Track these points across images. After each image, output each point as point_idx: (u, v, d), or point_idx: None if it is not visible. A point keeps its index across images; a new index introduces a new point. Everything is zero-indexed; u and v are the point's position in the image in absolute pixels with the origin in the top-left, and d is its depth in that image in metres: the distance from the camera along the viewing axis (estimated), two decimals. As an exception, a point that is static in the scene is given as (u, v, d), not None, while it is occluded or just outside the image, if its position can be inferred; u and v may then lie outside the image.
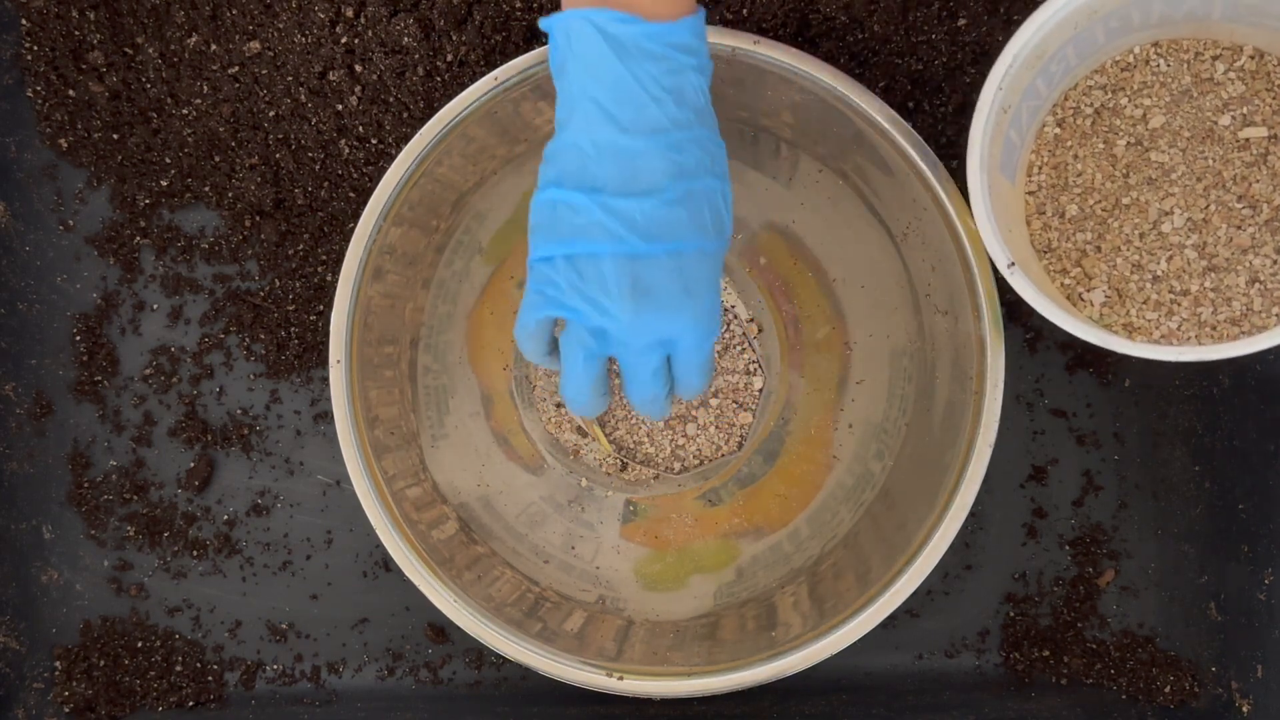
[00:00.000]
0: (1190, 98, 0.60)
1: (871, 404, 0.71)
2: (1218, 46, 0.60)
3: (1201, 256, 0.60)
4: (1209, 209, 0.60)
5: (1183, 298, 0.60)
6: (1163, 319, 0.60)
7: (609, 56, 0.50)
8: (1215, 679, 0.70)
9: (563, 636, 0.66)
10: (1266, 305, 0.59)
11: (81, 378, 0.74)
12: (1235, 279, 0.59)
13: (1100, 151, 0.61)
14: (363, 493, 0.64)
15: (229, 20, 0.71)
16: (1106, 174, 0.61)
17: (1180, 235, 0.60)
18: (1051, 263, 0.62)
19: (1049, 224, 0.62)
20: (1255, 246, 0.59)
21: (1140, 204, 0.60)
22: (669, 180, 0.52)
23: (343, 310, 0.64)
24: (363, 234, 0.64)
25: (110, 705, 0.72)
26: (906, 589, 0.63)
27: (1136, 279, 0.60)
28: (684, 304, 0.54)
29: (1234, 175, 0.60)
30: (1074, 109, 0.62)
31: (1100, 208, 0.61)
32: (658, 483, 0.72)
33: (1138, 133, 0.61)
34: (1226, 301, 0.59)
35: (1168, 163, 0.60)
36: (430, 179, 0.65)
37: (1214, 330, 0.59)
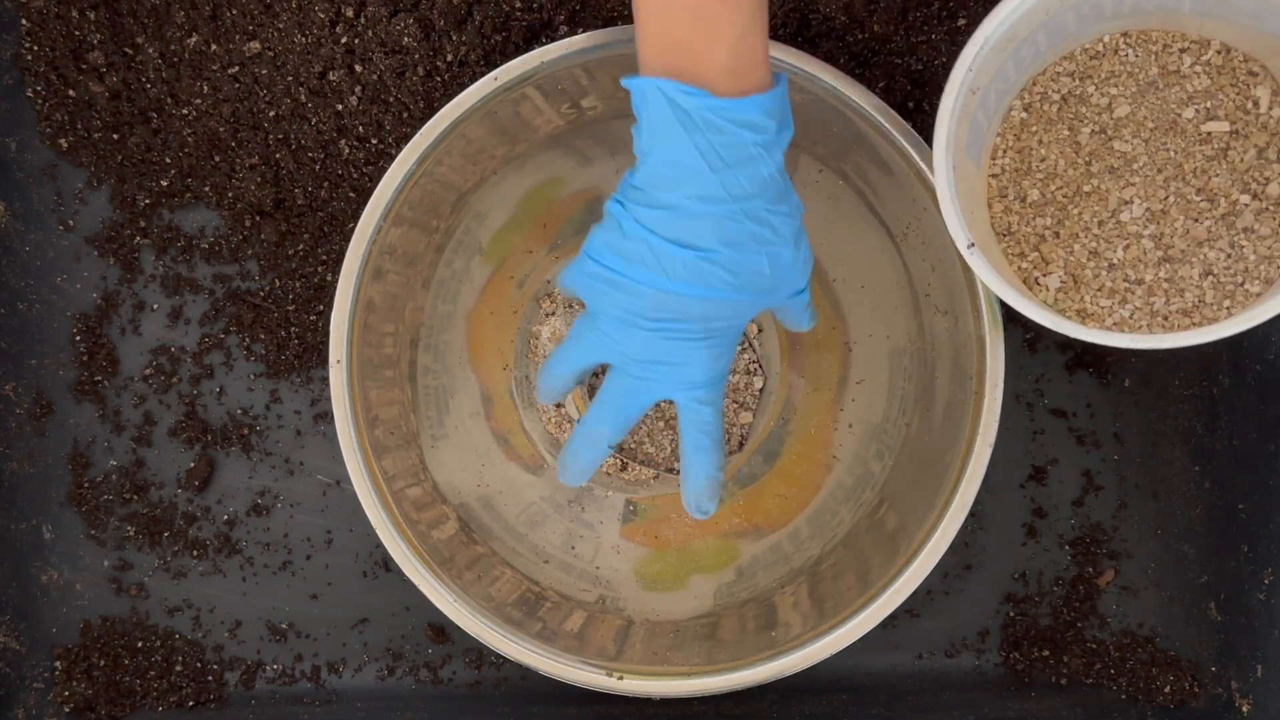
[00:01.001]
0: (1156, 89, 0.61)
1: (871, 404, 0.71)
2: (1186, 39, 0.60)
3: (1158, 247, 0.60)
4: (1168, 200, 0.60)
5: (1137, 286, 0.60)
6: (1116, 306, 0.60)
7: (674, 125, 0.54)
8: (1215, 679, 0.70)
9: (562, 636, 0.66)
10: (1218, 298, 0.59)
11: (81, 378, 0.74)
12: (1189, 270, 0.60)
13: (1065, 138, 0.61)
14: (363, 493, 0.64)
15: (229, 20, 0.71)
16: (1069, 160, 0.61)
17: (1138, 225, 0.60)
18: (1010, 246, 0.62)
19: (1010, 207, 0.62)
20: (1211, 240, 0.60)
21: (1101, 192, 0.61)
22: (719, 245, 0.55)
23: (343, 310, 0.64)
24: (363, 234, 0.64)
25: (110, 705, 0.72)
26: (906, 589, 0.63)
27: (1092, 266, 0.61)
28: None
29: (1194, 168, 0.60)
30: (1041, 94, 0.62)
31: (1061, 194, 0.61)
32: (658, 482, 0.72)
33: (1102, 121, 0.61)
34: (1180, 292, 0.60)
35: (1130, 152, 0.61)
36: (430, 179, 0.65)
37: (1165, 320, 0.60)
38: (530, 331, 0.73)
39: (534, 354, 0.73)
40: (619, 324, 0.58)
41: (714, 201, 0.54)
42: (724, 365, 0.60)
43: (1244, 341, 0.68)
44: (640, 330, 0.57)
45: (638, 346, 0.58)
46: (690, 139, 0.54)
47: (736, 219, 0.55)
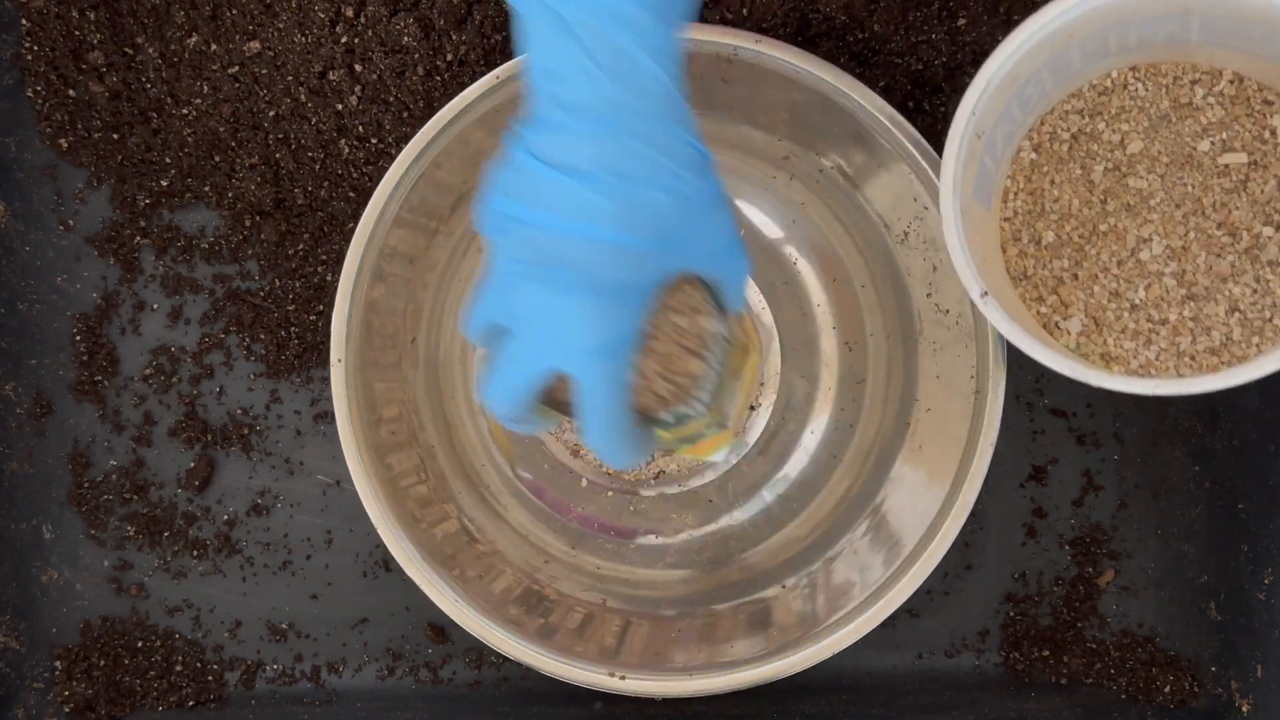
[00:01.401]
0: (1169, 123, 0.59)
1: (871, 404, 0.71)
2: (1196, 71, 0.59)
3: (1180, 285, 0.58)
4: (1188, 236, 0.59)
5: (1161, 326, 0.59)
6: (1140, 348, 0.59)
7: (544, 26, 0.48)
8: (1215, 679, 0.70)
9: (562, 635, 0.66)
10: (1246, 335, 0.58)
11: (81, 378, 0.74)
12: (1214, 308, 0.58)
13: (1077, 177, 0.60)
14: (363, 492, 0.64)
15: (229, 20, 0.71)
16: (1084, 200, 0.60)
17: (1159, 263, 0.59)
18: (1027, 290, 0.60)
19: (1025, 251, 0.60)
20: (1235, 275, 0.58)
21: (1118, 231, 0.59)
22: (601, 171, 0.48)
23: (343, 310, 0.64)
24: (363, 234, 0.64)
25: (110, 705, 0.72)
26: (907, 589, 0.63)
27: (1114, 307, 0.59)
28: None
29: (1213, 202, 0.58)
30: (1050, 134, 0.60)
31: (1077, 234, 0.60)
32: (658, 482, 0.72)
33: (1115, 158, 0.60)
34: (1206, 331, 0.58)
35: (1146, 189, 0.59)
36: (430, 180, 0.65)
37: (1193, 360, 0.58)
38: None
39: (534, 354, 0.73)
40: (503, 276, 0.50)
41: (592, 116, 0.47)
42: (621, 333, 0.49)
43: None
44: (521, 281, 0.49)
45: (518, 301, 0.49)
46: (560, 40, 0.47)
47: (619, 137, 0.48)
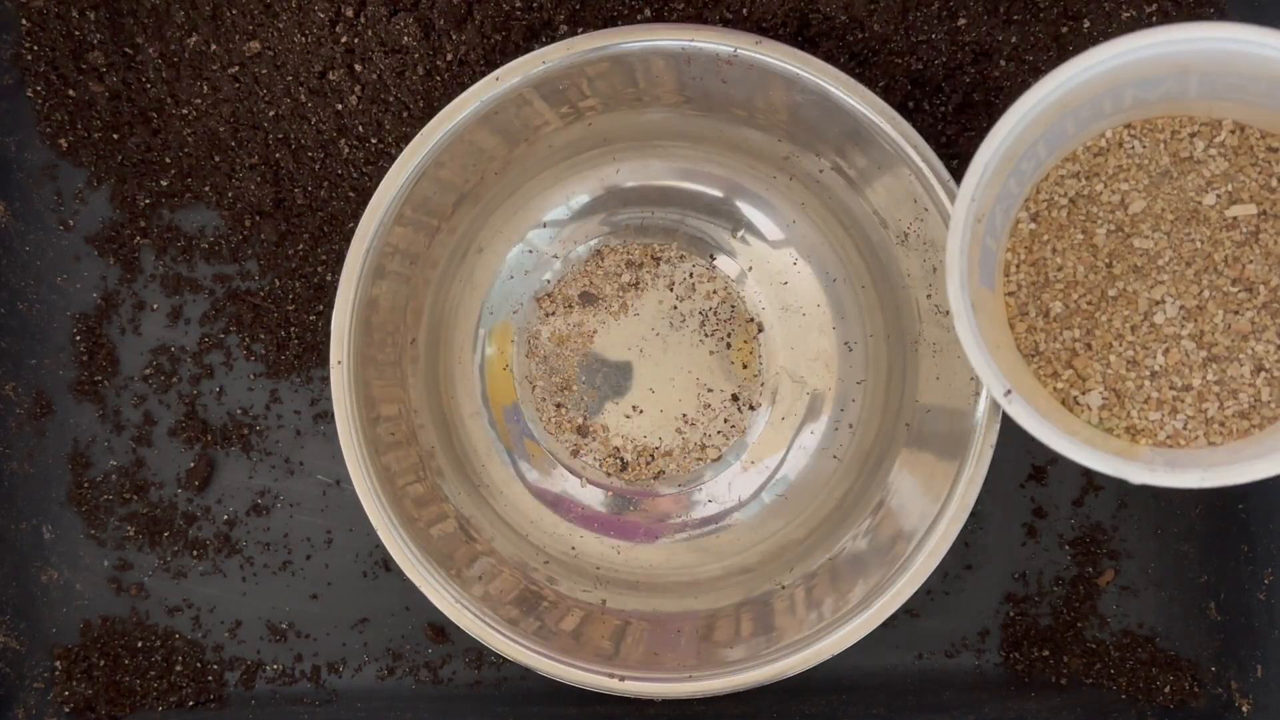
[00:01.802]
0: (1170, 178, 0.57)
1: (871, 404, 0.71)
2: (1195, 123, 0.57)
3: (1200, 346, 0.56)
4: (1203, 295, 0.56)
5: (1185, 393, 0.56)
6: (1166, 418, 0.56)
7: None
8: (1215, 679, 0.70)
9: (561, 636, 0.66)
10: (1276, 394, 0.56)
11: (81, 378, 0.74)
12: (1239, 369, 0.56)
13: (1080, 242, 0.57)
14: (363, 492, 0.64)
15: (229, 20, 0.71)
16: (1089, 265, 0.57)
17: (1175, 325, 0.56)
18: (1041, 366, 0.58)
19: (1034, 325, 0.58)
20: (1256, 332, 0.56)
21: (1128, 295, 0.57)
22: None
23: (344, 310, 0.64)
24: (364, 234, 0.64)
25: (110, 705, 0.72)
26: (907, 589, 0.63)
27: (1134, 377, 0.57)
28: None
29: (1225, 257, 0.56)
30: (1047, 201, 0.58)
31: (1086, 302, 0.57)
32: (658, 482, 0.72)
33: (1118, 219, 0.57)
34: (1233, 394, 0.56)
35: (1153, 248, 0.56)
36: (431, 179, 0.65)
37: (1223, 426, 0.56)
38: (530, 331, 0.73)
39: (534, 354, 0.73)
40: None
41: None
42: None
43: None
44: None
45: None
46: None
47: None
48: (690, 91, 0.67)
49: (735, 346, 0.73)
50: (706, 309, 0.73)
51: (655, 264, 0.73)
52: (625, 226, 0.73)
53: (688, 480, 0.73)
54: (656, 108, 0.68)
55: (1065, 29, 0.71)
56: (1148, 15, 0.71)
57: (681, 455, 0.72)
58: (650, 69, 0.65)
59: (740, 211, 0.73)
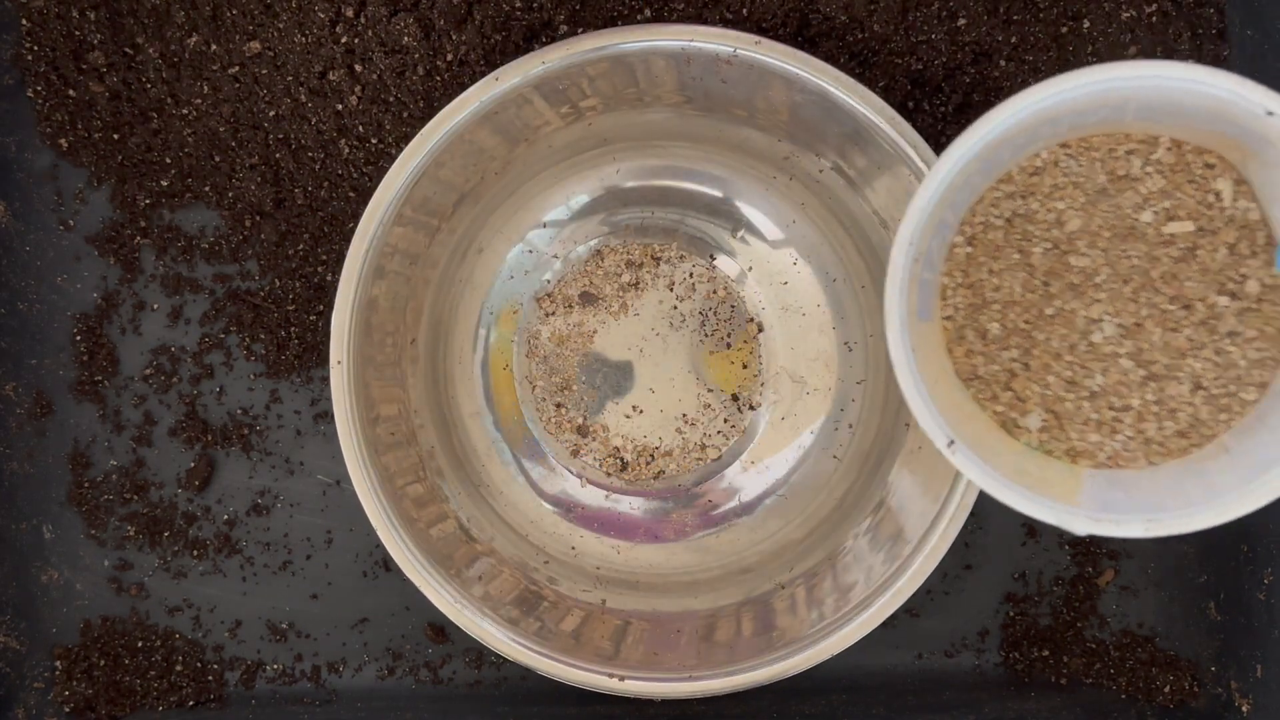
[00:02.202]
0: (1107, 196, 0.55)
1: (872, 404, 0.71)
2: (1131, 140, 0.55)
3: (1139, 365, 0.55)
4: (1140, 313, 0.55)
5: (1124, 414, 0.55)
6: (1106, 440, 0.55)
7: None
8: (1215, 679, 0.70)
9: (561, 636, 0.66)
10: (1213, 413, 0.55)
11: (81, 378, 0.74)
12: (1178, 387, 0.55)
13: (1016, 262, 0.56)
14: (363, 492, 0.64)
15: (229, 20, 0.71)
16: (1025, 285, 0.56)
17: (1113, 344, 0.55)
18: (980, 390, 0.57)
19: (972, 349, 0.57)
20: (1194, 349, 0.55)
21: (1066, 314, 0.56)
22: None
23: (344, 310, 0.64)
24: (364, 234, 0.64)
25: (110, 705, 0.72)
26: (907, 589, 0.63)
27: (1072, 397, 0.56)
28: None
29: (1162, 274, 0.55)
30: (983, 223, 0.57)
31: (1023, 321, 0.56)
32: (658, 482, 0.72)
33: (1054, 237, 0.56)
34: (1171, 414, 0.55)
35: (1090, 266, 0.55)
36: (432, 179, 0.65)
37: (1162, 446, 0.55)
38: (530, 331, 0.73)
39: (534, 354, 0.73)
40: None
41: None
42: None
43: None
44: None
45: None
46: None
47: None
48: (690, 91, 0.67)
49: (735, 346, 0.73)
50: (706, 309, 0.73)
51: (655, 264, 0.73)
52: (625, 226, 0.73)
53: (688, 480, 0.73)
54: (656, 108, 0.68)
55: (1065, 29, 0.71)
56: (1147, 16, 0.71)
57: (681, 455, 0.72)
58: (650, 69, 0.65)
59: (740, 211, 0.73)
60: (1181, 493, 0.53)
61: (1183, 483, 0.54)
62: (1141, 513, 0.53)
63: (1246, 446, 0.53)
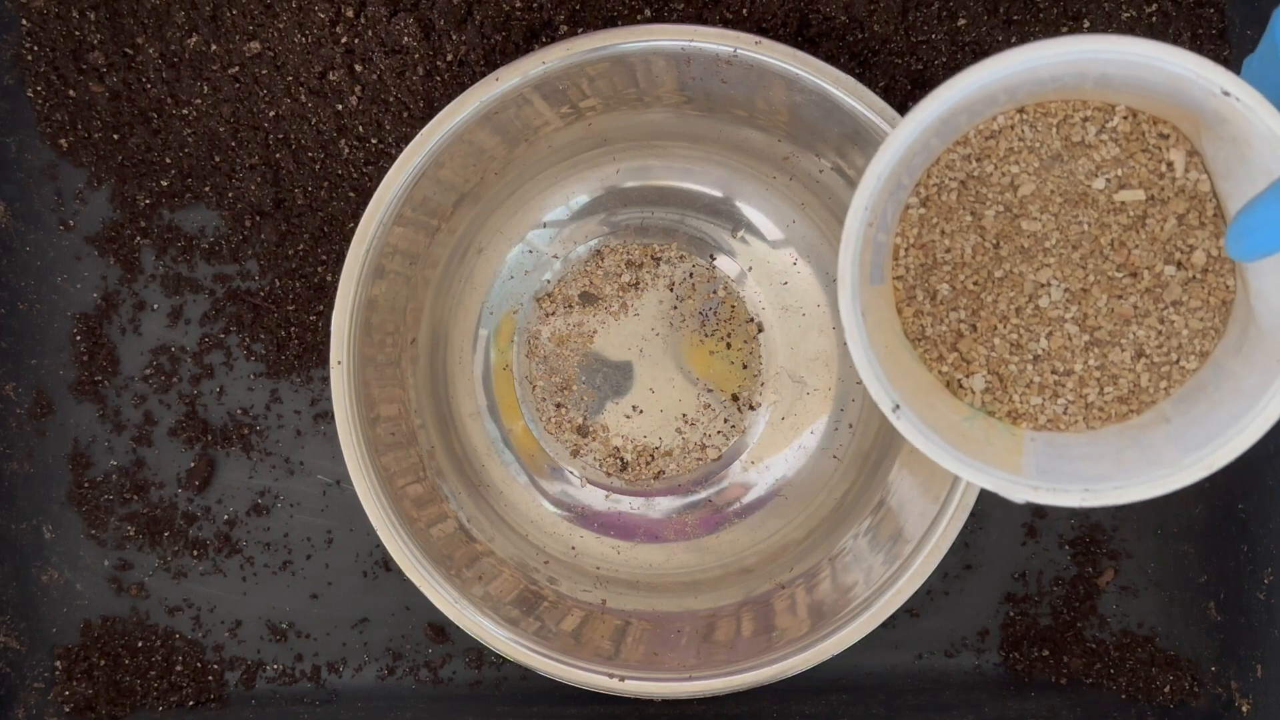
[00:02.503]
0: (1061, 162, 0.56)
1: (872, 404, 0.71)
2: (1088, 108, 0.56)
3: (1083, 330, 0.56)
4: (1087, 279, 0.56)
5: (1067, 378, 0.56)
6: (1047, 403, 0.56)
7: None
8: (1215, 679, 0.70)
9: (561, 636, 0.66)
10: (1154, 380, 0.55)
11: (81, 378, 0.74)
12: (1120, 354, 0.55)
13: (968, 224, 0.56)
14: (363, 492, 0.64)
15: (229, 20, 0.71)
16: (976, 247, 0.56)
17: (1059, 309, 0.56)
18: (927, 350, 0.57)
19: (921, 309, 0.57)
20: (1139, 317, 0.55)
21: (1014, 277, 0.56)
22: None
23: (344, 310, 0.64)
24: (364, 234, 0.64)
25: (110, 705, 0.72)
26: (907, 589, 0.63)
27: (1016, 360, 0.56)
28: None
29: (1111, 241, 0.55)
30: (938, 185, 0.57)
31: (972, 283, 0.56)
32: (658, 482, 0.72)
33: (1007, 200, 0.56)
34: (1113, 379, 0.56)
35: (1040, 231, 0.56)
36: (432, 179, 0.65)
37: (1102, 411, 0.56)
38: (530, 331, 0.73)
39: (534, 354, 0.73)
40: None
41: None
42: None
43: (1244, 341, 0.68)
44: None
45: None
46: None
47: None
48: (690, 91, 0.67)
49: (735, 346, 0.73)
50: (706, 309, 0.73)
51: (655, 264, 0.73)
52: (625, 226, 0.73)
53: (688, 480, 0.73)
54: (656, 108, 0.68)
55: (1065, 29, 0.71)
56: (1148, 15, 0.71)
57: (681, 455, 0.72)
58: (650, 69, 0.65)
59: (740, 211, 0.73)
60: (1121, 462, 0.54)
61: (1123, 452, 0.54)
62: (1081, 482, 0.53)
63: (1186, 418, 0.54)
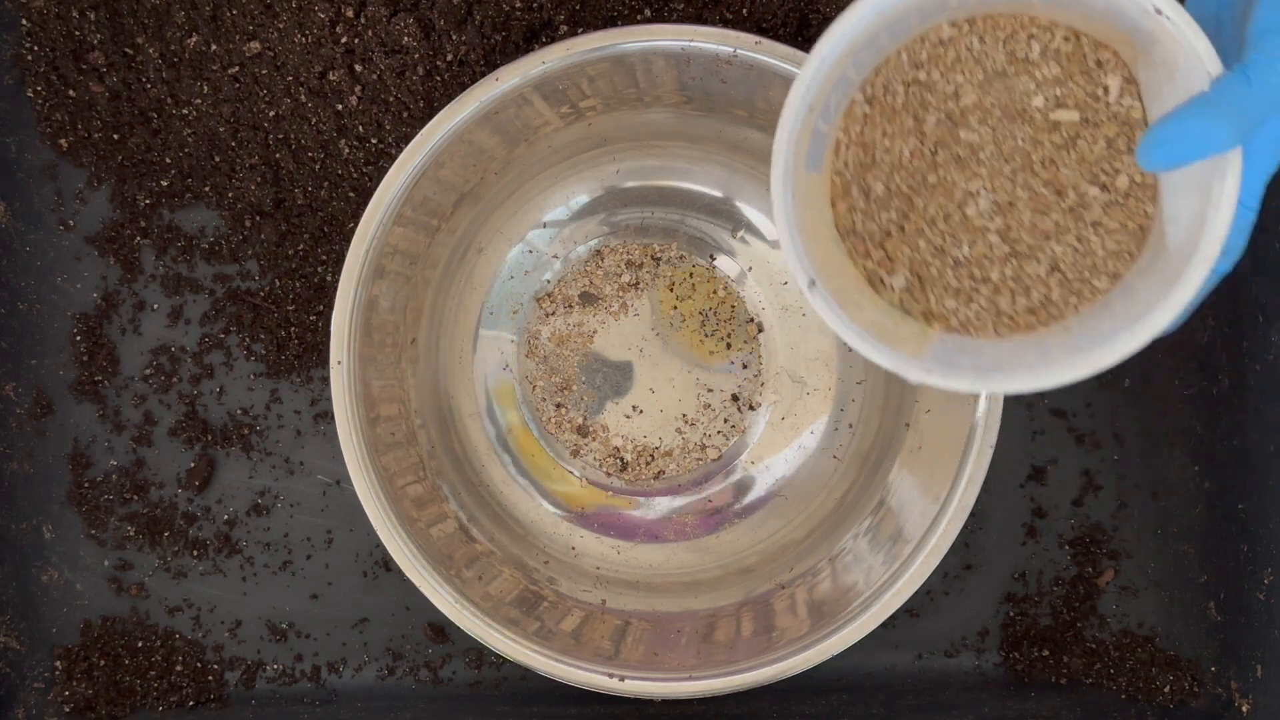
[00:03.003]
0: (1004, 77, 0.57)
1: (871, 404, 0.71)
2: (1035, 25, 0.57)
3: (1004, 241, 0.57)
4: (1015, 192, 0.57)
5: (982, 285, 0.57)
6: (961, 307, 0.57)
7: None
8: (1215, 679, 0.70)
9: (561, 636, 0.66)
10: (1064, 295, 0.57)
11: (81, 378, 0.74)
12: (1036, 268, 0.57)
13: (910, 128, 0.58)
14: (363, 492, 0.64)
15: (229, 20, 0.71)
16: (914, 150, 0.58)
17: (984, 218, 0.57)
18: (855, 245, 0.58)
19: (854, 205, 0.58)
20: (1059, 233, 0.57)
21: (946, 184, 0.57)
22: None
23: (344, 310, 0.64)
24: (364, 234, 0.64)
25: (110, 705, 0.72)
26: (907, 589, 0.63)
27: (938, 264, 0.57)
28: None
29: (1042, 158, 0.57)
30: (885, 85, 0.58)
31: (906, 185, 0.58)
32: (658, 482, 0.72)
33: (949, 108, 0.58)
34: (1025, 291, 0.57)
35: (977, 141, 0.57)
36: (432, 179, 0.65)
37: (1011, 320, 0.57)
38: (530, 331, 0.73)
39: (534, 354, 0.73)
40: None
41: None
42: None
43: (1244, 342, 0.68)
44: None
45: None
46: None
47: None
48: (690, 91, 0.67)
49: (735, 346, 0.73)
50: (706, 309, 0.73)
51: (655, 264, 0.73)
52: (625, 226, 0.73)
53: (688, 480, 0.73)
54: (656, 108, 0.68)
55: (1065, 29, 0.71)
56: (1148, 15, 0.71)
57: (681, 455, 0.72)
58: (650, 69, 0.65)
59: (740, 211, 0.73)
60: (1020, 362, 0.56)
61: (1022, 353, 0.56)
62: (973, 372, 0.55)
63: (1086, 330, 0.55)
